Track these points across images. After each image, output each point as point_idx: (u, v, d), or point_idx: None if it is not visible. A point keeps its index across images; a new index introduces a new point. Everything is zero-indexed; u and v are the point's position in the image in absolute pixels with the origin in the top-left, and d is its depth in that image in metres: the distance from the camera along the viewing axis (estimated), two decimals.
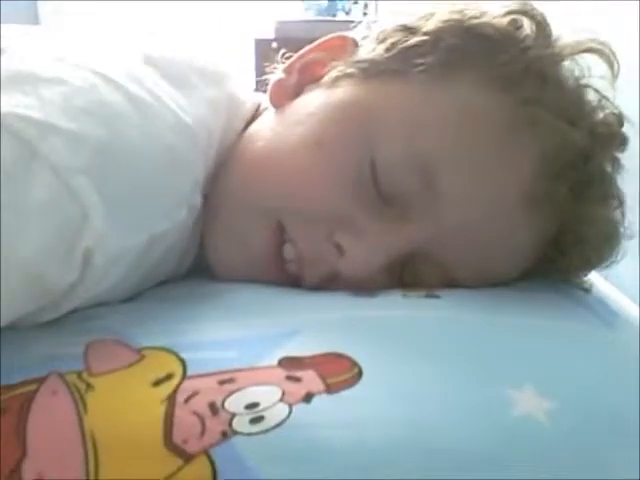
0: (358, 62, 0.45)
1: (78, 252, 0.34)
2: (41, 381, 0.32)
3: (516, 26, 0.44)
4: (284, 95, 0.48)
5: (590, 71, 0.45)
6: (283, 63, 0.50)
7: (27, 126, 0.33)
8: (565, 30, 0.45)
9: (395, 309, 0.40)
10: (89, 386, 0.32)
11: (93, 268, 0.35)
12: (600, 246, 0.45)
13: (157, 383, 0.32)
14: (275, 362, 0.34)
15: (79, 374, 0.33)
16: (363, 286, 0.42)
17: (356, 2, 1.84)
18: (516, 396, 0.32)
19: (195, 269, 0.48)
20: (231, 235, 0.46)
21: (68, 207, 0.33)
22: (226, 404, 0.31)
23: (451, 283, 0.43)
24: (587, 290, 0.47)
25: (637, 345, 0.40)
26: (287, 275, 0.44)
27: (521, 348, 0.36)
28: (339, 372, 0.33)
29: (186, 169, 0.41)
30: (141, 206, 0.37)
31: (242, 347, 0.35)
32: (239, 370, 0.33)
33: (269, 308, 0.40)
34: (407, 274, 0.44)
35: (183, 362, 0.34)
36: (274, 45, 1.61)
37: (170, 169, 0.39)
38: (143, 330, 0.37)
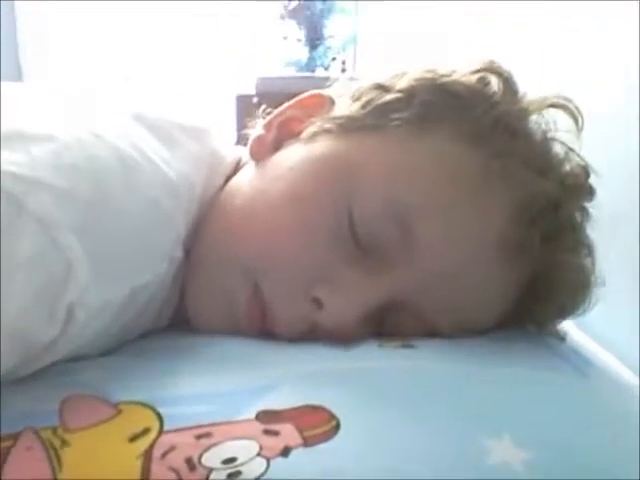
0: (335, 118, 0.47)
1: (61, 307, 0.34)
2: (16, 437, 0.32)
3: (484, 83, 0.46)
4: (263, 150, 0.49)
5: (556, 125, 0.46)
6: (263, 118, 0.52)
7: (15, 183, 0.33)
8: (531, 87, 0.47)
9: (372, 360, 0.40)
10: (64, 442, 0.32)
11: (75, 322, 0.35)
12: (574, 293, 0.46)
13: (133, 438, 0.32)
14: (253, 416, 0.34)
15: (54, 430, 0.33)
16: (342, 337, 0.42)
17: (334, 59, 1.88)
18: (493, 446, 0.32)
19: (175, 320, 0.48)
20: (211, 291, 0.46)
21: (53, 262, 0.33)
22: (203, 459, 0.31)
23: (430, 331, 0.44)
24: (562, 339, 0.47)
25: (610, 394, 0.40)
26: (267, 330, 0.45)
27: (497, 398, 0.37)
28: (317, 425, 0.33)
29: (168, 224, 0.41)
30: (124, 260, 0.38)
31: (219, 401, 0.35)
32: (216, 424, 0.33)
33: (247, 361, 0.40)
34: (386, 323, 0.45)
35: (160, 417, 0.34)
36: (255, 100, 1.64)
37: (153, 224, 0.40)
38: (120, 384, 0.37)
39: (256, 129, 0.51)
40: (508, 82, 0.46)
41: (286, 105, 0.51)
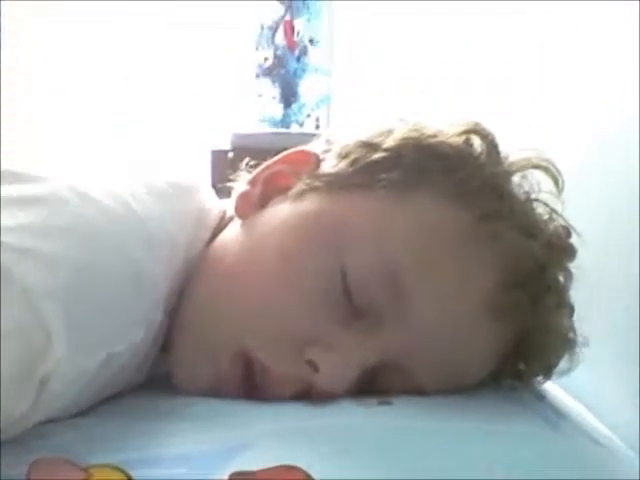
0: (323, 176, 0.47)
1: (36, 379, 0.34)
2: None
3: (469, 144, 0.47)
4: (250, 207, 0.49)
5: (539, 186, 0.47)
6: (248, 172, 0.52)
7: (3, 251, 0.33)
8: (513, 148, 0.48)
9: (348, 418, 0.40)
10: None
11: (49, 393, 0.34)
12: (559, 353, 0.46)
13: None
14: (226, 477, 0.33)
15: None
16: (334, 397, 0.42)
17: (309, 116, 1.92)
18: None
19: (154, 373, 0.47)
20: (197, 354, 0.45)
21: (34, 333, 0.33)
22: None
23: (416, 389, 0.44)
24: (541, 396, 0.47)
25: (580, 446, 0.40)
26: (254, 393, 0.44)
27: (471, 452, 0.36)
28: None
29: (149, 289, 0.41)
30: (102, 327, 0.37)
31: (192, 463, 0.34)
32: None
33: (221, 421, 0.39)
34: (375, 381, 0.44)
35: None
36: (230, 155, 1.65)
37: (134, 290, 0.39)
38: (91, 447, 0.36)
39: (240, 184, 0.51)
40: (492, 144, 0.47)
41: (271, 160, 0.51)
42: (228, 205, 0.52)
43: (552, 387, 0.50)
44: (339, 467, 0.34)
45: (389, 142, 0.46)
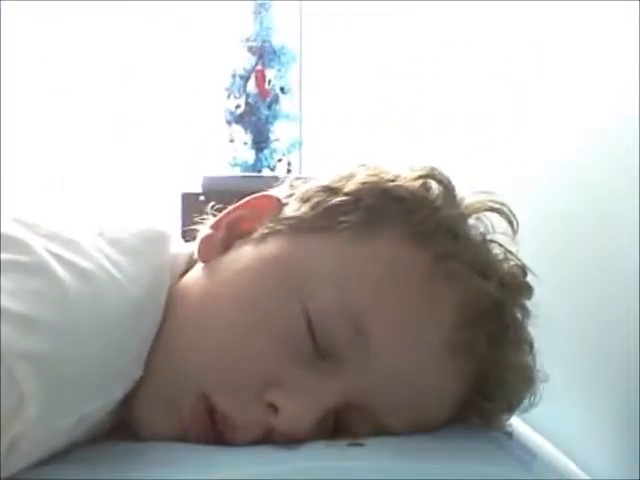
0: (286, 219, 0.48)
1: (5, 439, 0.33)
2: None
3: (426, 188, 0.48)
4: (212, 250, 0.49)
5: (494, 228, 0.49)
6: (213, 215, 0.52)
7: None
8: (467, 190, 0.49)
9: (318, 460, 0.40)
10: None
11: (17, 454, 0.34)
12: (520, 389, 0.47)
13: None
14: None
15: None
16: (295, 439, 0.42)
17: (280, 160, 1.94)
18: None
19: (118, 420, 0.46)
20: (160, 402, 0.44)
21: (6, 394, 0.33)
22: None
23: (381, 429, 0.44)
24: (509, 434, 0.48)
25: None
26: (220, 439, 0.43)
27: None
28: None
29: (130, 347, 0.41)
30: (78, 387, 0.37)
31: None
32: None
33: (188, 467, 0.39)
34: (339, 423, 0.44)
35: None
36: (201, 198, 1.65)
37: (114, 349, 0.39)
38: None
39: (204, 228, 0.51)
40: (448, 188, 0.48)
41: (234, 205, 0.51)
42: (194, 248, 0.52)
43: (518, 423, 0.51)
44: None
45: (349, 186, 0.47)
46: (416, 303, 0.44)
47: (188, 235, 0.53)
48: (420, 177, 0.48)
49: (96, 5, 2.08)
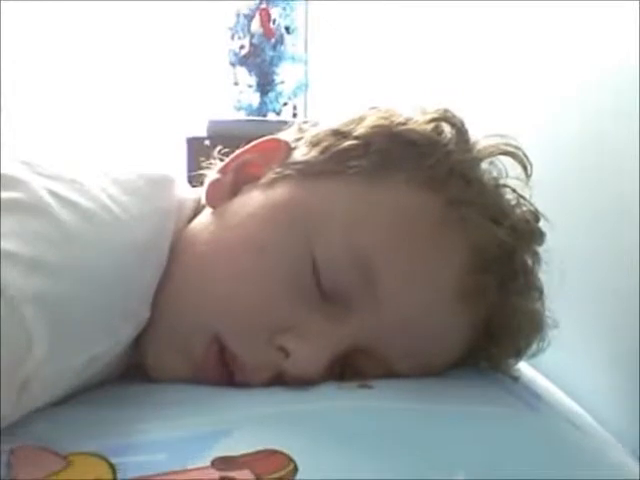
0: (294, 164, 0.47)
1: (17, 380, 0.33)
2: None
3: (438, 132, 0.47)
4: (220, 195, 0.49)
5: (507, 172, 0.48)
6: (220, 160, 0.51)
7: None
8: (481, 133, 0.49)
9: (329, 401, 0.40)
10: None
11: (29, 394, 0.34)
12: (528, 335, 0.47)
13: None
14: (208, 463, 0.33)
15: None
16: (306, 382, 0.42)
17: (285, 104, 1.91)
18: None
19: (129, 364, 0.47)
20: (171, 344, 0.45)
21: (14, 335, 0.33)
22: None
23: (390, 373, 0.44)
24: (515, 378, 0.48)
25: (559, 427, 0.41)
26: (231, 380, 0.44)
27: (451, 435, 0.37)
28: (274, 469, 0.33)
29: (135, 287, 0.41)
30: (87, 327, 0.37)
31: (174, 449, 0.34)
32: (171, 473, 0.32)
33: (201, 407, 0.40)
34: (348, 366, 0.45)
35: (113, 467, 0.33)
36: (207, 142, 1.64)
37: (120, 288, 0.39)
38: (71, 435, 0.36)
39: (211, 173, 0.51)
40: (461, 131, 0.48)
41: (242, 149, 0.50)
42: (201, 194, 0.51)
43: (525, 368, 0.51)
44: (320, 450, 0.35)
45: (359, 130, 0.47)
46: (426, 248, 0.44)
47: (195, 180, 0.53)
48: (432, 120, 0.47)
49: None
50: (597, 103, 0.55)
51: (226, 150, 0.52)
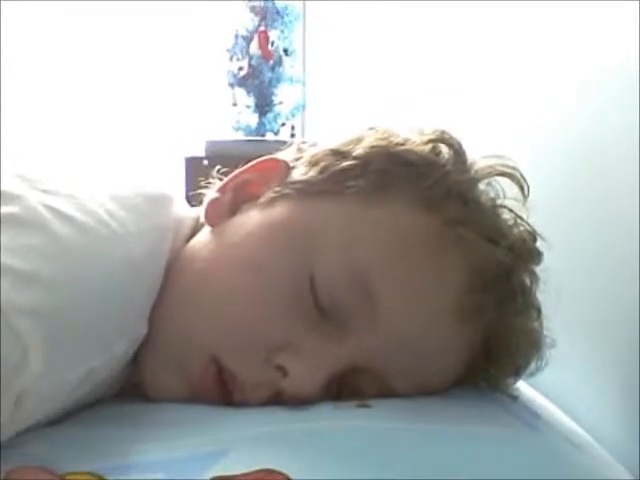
0: (293, 183, 0.47)
1: (12, 395, 0.33)
2: None
3: (436, 153, 0.47)
4: (220, 214, 0.49)
5: (504, 193, 0.48)
6: (218, 179, 0.51)
7: None
8: (478, 154, 0.49)
9: (327, 421, 0.40)
10: None
11: (24, 409, 0.34)
12: (527, 354, 0.47)
13: None
14: None
15: None
16: (303, 401, 0.42)
17: (284, 124, 1.92)
18: None
19: (127, 383, 0.47)
20: (169, 363, 0.45)
21: (8, 349, 0.33)
22: None
23: (388, 392, 0.44)
24: (514, 397, 0.48)
25: (559, 446, 0.41)
26: (230, 399, 0.44)
27: (450, 455, 0.37)
28: None
29: (131, 303, 0.41)
30: (83, 341, 0.37)
31: (172, 469, 0.34)
32: None
33: (198, 427, 0.39)
34: (345, 385, 0.45)
35: None
36: (205, 162, 1.65)
37: (115, 304, 0.39)
38: (67, 455, 0.35)
39: (210, 192, 0.51)
40: (458, 152, 0.48)
41: (241, 169, 0.51)
42: (200, 213, 0.51)
43: (524, 387, 0.51)
44: (318, 470, 0.34)
45: (358, 150, 0.47)
46: (424, 268, 0.44)
47: (193, 200, 0.53)
48: (430, 141, 0.48)
49: None
50: (595, 116, 0.55)
51: (225, 170, 0.52)
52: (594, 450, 0.45)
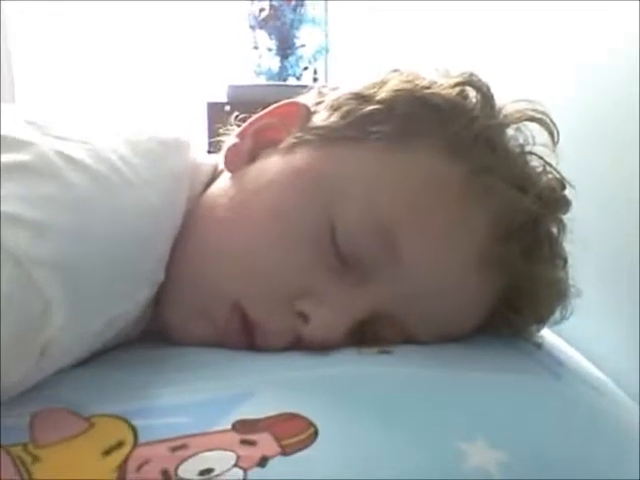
0: (315, 129, 0.46)
1: (36, 346, 0.33)
2: None
3: (464, 97, 0.46)
4: (239, 160, 0.48)
5: (534, 139, 0.47)
6: (237, 126, 0.51)
7: None
8: (507, 98, 0.47)
9: (349, 366, 0.40)
10: (35, 458, 0.31)
11: (49, 358, 0.34)
12: (552, 304, 0.46)
13: (107, 452, 0.31)
14: (229, 426, 0.33)
15: (25, 446, 0.32)
16: (326, 347, 0.42)
17: (306, 68, 1.89)
18: (468, 449, 0.32)
19: (148, 329, 0.47)
20: (193, 308, 0.45)
21: (30, 301, 0.33)
22: (179, 471, 0.30)
23: (409, 339, 0.44)
24: (538, 345, 0.48)
25: (582, 394, 0.41)
26: (251, 344, 0.44)
27: (472, 401, 0.37)
28: (295, 433, 0.33)
29: (150, 250, 0.41)
30: (104, 291, 0.37)
31: (195, 412, 0.35)
32: (192, 436, 0.33)
33: (222, 370, 0.40)
34: (367, 332, 0.44)
35: (134, 429, 0.33)
36: (227, 108, 1.63)
37: (134, 251, 0.39)
38: (92, 397, 0.36)
39: (230, 137, 0.50)
40: (486, 96, 0.46)
41: (261, 113, 0.50)
42: (219, 159, 0.51)
43: (548, 334, 0.51)
44: (341, 415, 0.35)
45: (382, 94, 0.45)
46: (450, 216, 0.43)
47: (215, 146, 0.52)
48: (457, 84, 0.46)
49: None
50: (630, 59, 0.53)
51: (244, 116, 0.51)
52: (617, 396, 0.44)
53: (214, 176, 0.50)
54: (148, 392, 0.37)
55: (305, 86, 0.53)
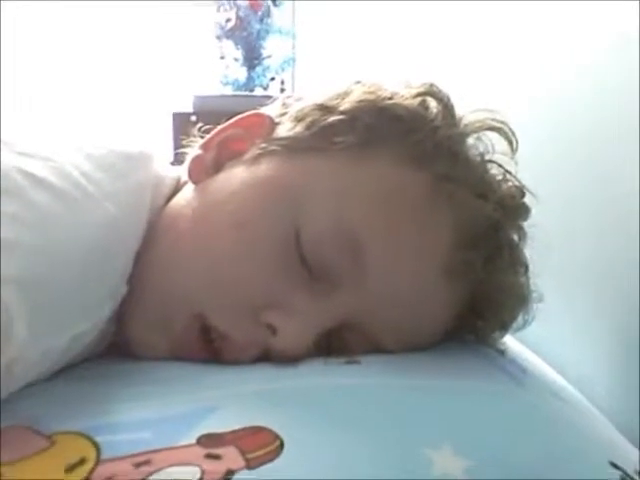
0: (279, 139, 0.46)
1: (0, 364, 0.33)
2: None
3: (425, 107, 0.47)
4: (203, 171, 0.48)
5: (494, 147, 0.48)
6: (201, 137, 0.51)
7: None
8: (467, 109, 0.48)
9: (315, 378, 0.40)
10: None
11: (12, 377, 0.34)
12: (514, 310, 0.47)
13: (70, 469, 0.31)
14: (194, 440, 0.33)
15: None
16: (293, 359, 0.42)
17: (273, 79, 1.89)
18: (435, 456, 0.33)
19: (115, 343, 0.47)
20: (154, 321, 0.45)
21: None
22: None
23: (376, 349, 0.44)
24: (501, 352, 0.48)
25: (544, 400, 0.41)
26: (218, 358, 0.44)
27: (437, 409, 0.37)
28: (260, 446, 0.33)
29: (113, 263, 0.41)
30: (66, 307, 0.37)
31: (158, 427, 0.34)
32: (156, 451, 0.32)
33: (187, 385, 0.39)
34: (334, 341, 0.45)
35: (97, 445, 0.32)
36: (193, 118, 1.62)
37: (97, 266, 0.39)
38: (54, 414, 0.35)
39: (194, 149, 0.50)
40: (447, 106, 0.47)
41: (225, 124, 0.50)
42: (182, 171, 0.50)
43: (511, 341, 0.51)
44: (307, 427, 0.35)
45: (345, 105, 0.46)
46: (414, 224, 0.43)
47: (180, 158, 0.52)
48: (418, 95, 0.47)
49: None
50: (589, 69, 0.54)
51: (208, 127, 0.51)
52: (580, 405, 0.45)
53: (177, 188, 0.50)
54: (112, 407, 0.36)
55: (272, 97, 0.53)
